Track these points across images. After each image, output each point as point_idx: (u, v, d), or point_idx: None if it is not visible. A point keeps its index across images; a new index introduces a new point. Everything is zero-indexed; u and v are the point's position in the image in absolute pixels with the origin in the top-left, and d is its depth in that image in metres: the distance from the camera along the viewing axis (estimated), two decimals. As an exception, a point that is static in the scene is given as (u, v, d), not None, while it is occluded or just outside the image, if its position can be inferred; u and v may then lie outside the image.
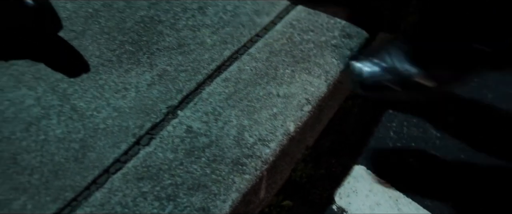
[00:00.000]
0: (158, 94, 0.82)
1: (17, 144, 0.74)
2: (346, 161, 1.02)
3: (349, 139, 1.05)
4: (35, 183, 0.70)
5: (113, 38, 0.90)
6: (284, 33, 0.97)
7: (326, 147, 1.04)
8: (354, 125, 1.08)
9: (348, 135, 1.06)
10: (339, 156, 1.02)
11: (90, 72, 0.84)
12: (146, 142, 0.77)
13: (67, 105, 0.79)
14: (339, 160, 1.02)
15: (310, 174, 0.97)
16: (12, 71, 0.84)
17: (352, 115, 1.10)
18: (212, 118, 0.80)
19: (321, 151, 1.02)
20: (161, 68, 0.86)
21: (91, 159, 0.73)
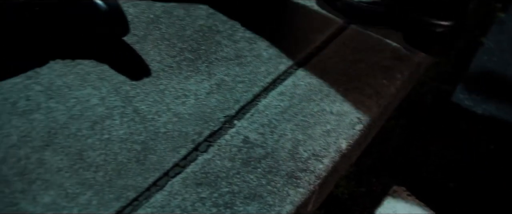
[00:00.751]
0: (216, 103, 0.85)
1: (83, 141, 0.77)
2: (386, 180, 1.03)
3: (390, 159, 1.07)
4: (99, 180, 0.73)
5: (173, 45, 0.93)
6: (337, 51, 1.00)
7: (368, 165, 1.06)
8: (396, 145, 1.10)
9: (389, 155, 1.07)
10: (380, 175, 1.04)
11: (151, 76, 0.87)
12: (204, 148, 0.79)
13: (129, 107, 0.82)
14: (380, 179, 1.04)
15: (352, 190, 0.99)
16: (78, 70, 0.87)
17: (394, 135, 1.12)
18: (268, 130, 0.83)
19: (363, 168, 1.04)
20: (219, 78, 0.89)
21: (152, 161, 0.76)
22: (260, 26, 0.99)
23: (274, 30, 0.99)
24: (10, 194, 0.70)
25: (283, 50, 0.96)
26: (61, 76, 0.86)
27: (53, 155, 0.75)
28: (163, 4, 1.00)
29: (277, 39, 0.97)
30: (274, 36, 0.98)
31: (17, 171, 0.73)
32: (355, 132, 0.86)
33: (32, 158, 0.74)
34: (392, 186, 1.02)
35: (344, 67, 0.96)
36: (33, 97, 0.82)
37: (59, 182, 0.72)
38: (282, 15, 1.03)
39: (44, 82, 0.85)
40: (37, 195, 0.71)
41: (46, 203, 0.70)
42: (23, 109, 0.81)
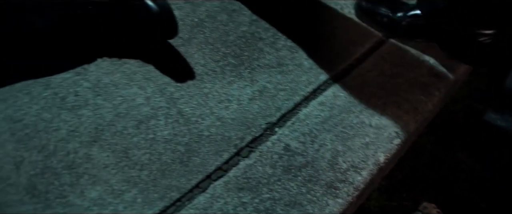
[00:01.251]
0: (258, 110, 0.86)
1: (129, 139, 0.79)
2: (417, 196, 1.04)
3: (421, 174, 1.07)
4: (144, 178, 0.75)
5: (217, 49, 0.95)
6: (376, 65, 1.01)
7: (398, 180, 1.06)
8: (427, 161, 1.10)
9: (420, 171, 1.08)
10: (410, 191, 1.05)
11: (196, 79, 0.89)
12: (246, 154, 0.81)
13: (174, 109, 0.84)
14: (410, 194, 1.04)
15: (383, 204, 0.99)
16: (125, 69, 0.89)
17: (426, 151, 1.12)
18: (308, 139, 0.84)
19: (394, 182, 1.04)
20: (262, 85, 0.90)
21: (195, 164, 0.78)
22: (301, 36, 1.00)
23: (315, 40, 1.00)
24: (59, 186, 0.72)
25: (324, 61, 0.97)
26: (108, 74, 0.88)
27: (100, 151, 0.77)
28: (207, 8, 1.02)
29: (318, 49, 0.99)
30: (315, 46, 0.99)
31: (66, 164, 0.75)
32: (393, 146, 0.87)
33: (80, 152, 0.76)
34: (423, 202, 1.02)
35: (382, 81, 0.97)
36: (81, 93, 0.84)
37: (105, 178, 0.74)
38: (323, 25, 1.04)
39: (92, 79, 0.87)
40: (84, 189, 0.72)
41: (93, 198, 0.72)
42: (72, 104, 0.83)
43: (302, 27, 1.03)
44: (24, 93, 0.83)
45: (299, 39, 1.00)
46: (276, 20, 1.03)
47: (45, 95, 0.83)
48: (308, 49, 0.99)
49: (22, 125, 0.79)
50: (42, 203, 0.71)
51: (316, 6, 1.10)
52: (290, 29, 1.02)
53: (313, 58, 0.97)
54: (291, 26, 1.02)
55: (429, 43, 1.03)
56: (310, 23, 1.05)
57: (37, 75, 0.86)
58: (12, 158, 0.75)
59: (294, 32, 1.01)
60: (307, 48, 0.99)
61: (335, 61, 0.99)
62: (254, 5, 1.04)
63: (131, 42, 0.89)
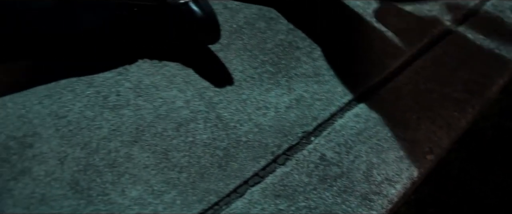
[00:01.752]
0: (295, 118, 0.87)
1: (169, 141, 0.81)
2: (445, 212, 1.04)
3: (449, 190, 1.07)
4: (183, 181, 0.76)
5: (255, 56, 0.96)
6: (410, 79, 1.01)
7: (425, 194, 1.06)
8: (455, 177, 1.10)
9: (448, 186, 1.08)
10: (439, 206, 1.05)
11: (234, 85, 0.90)
12: (282, 161, 0.82)
13: (212, 113, 0.85)
14: (438, 210, 1.04)
15: (411, 218, 1.00)
16: (165, 71, 0.91)
17: (454, 167, 1.12)
18: (344, 150, 0.85)
19: (422, 197, 1.05)
20: (299, 94, 0.91)
21: (233, 169, 0.79)
22: (337, 47, 1.01)
23: (350, 52, 1.01)
24: (101, 184, 0.74)
25: (359, 72, 0.98)
26: (149, 75, 0.89)
27: (140, 151, 0.79)
28: (246, 15, 1.04)
29: (353, 60, 1.00)
30: (351, 57, 1.00)
31: (107, 162, 0.77)
32: (427, 161, 0.88)
33: (121, 152, 0.78)
34: (450, 217, 1.02)
35: (417, 95, 0.98)
36: (123, 93, 0.86)
37: (146, 178, 0.75)
38: (359, 37, 1.05)
39: (133, 80, 0.88)
40: (125, 188, 0.74)
41: (134, 197, 0.73)
42: (114, 103, 0.84)
43: (338, 38, 1.04)
44: (68, 91, 0.85)
45: (335, 50, 1.01)
46: (313, 30, 1.04)
47: (88, 93, 0.85)
48: (344, 60, 1.00)
49: (66, 121, 0.81)
50: (85, 199, 0.72)
51: (352, 18, 1.11)
52: (326, 40, 1.03)
53: (349, 70, 0.98)
54: (327, 36, 1.03)
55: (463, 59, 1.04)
56: (346, 34, 1.06)
57: (81, 74, 0.87)
58: (57, 153, 0.77)
59: (331, 43, 1.02)
60: (343, 59, 1.00)
61: (370, 73, 0.99)
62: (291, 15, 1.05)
63: (173, 45, 0.91)
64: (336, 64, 0.98)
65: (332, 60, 0.99)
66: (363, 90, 0.95)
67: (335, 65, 0.98)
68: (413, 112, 0.94)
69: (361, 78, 0.97)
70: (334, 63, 0.98)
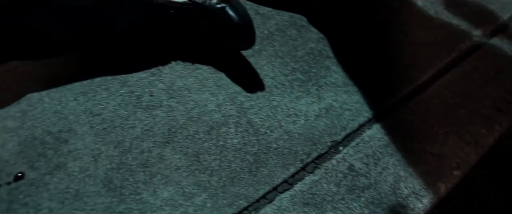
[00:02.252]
0: (324, 127, 0.88)
1: (200, 144, 0.82)
2: (466, 227, 1.04)
3: (472, 207, 1.07)
4: (214, 184, 0.77)
5: (286, 63, 0.97)
6: (438, 93, 1.02)
7: (449, 210, 1.06)
8: (478, 194, 1.10)
9: (471, 203, 1.08)
10: (460, 221, 1.05)
11: (265, 91, 0.91)
12: (311, 169, 0.82)
13: (244, 118, 0.86)
14: (459, 225, 1.04)
15: (433, 232, 1.00)
16: (197, 74, 0.92)
17: (476, 184, 1.12)
18: (372, 161, 0.85)
19: (445, 212, 1.05)
20: (328, 103, 0.92)
21: (263, 174, 0.80)
22: (367, 58, 1.02)
23: (380, 63, 1.02)
24: (134, 183, 0.75)
25: (388, 85, 0.98)
26: (182, 78, 0.91)
27: (172, 152, 0.80)
28: (277, 22, 1.05)
29: (382, 72, 1.00)
30: (380, 69, 1.01)
31: (140, 162, 0.78)
32: (454, 177, 0.88)
33: (154, 152, 0.79)
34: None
35: (444, 110, 0.98)
36: (156, 94, 0.87)
37: (177, 180, 0.77)
38: (388, 49, 1.06)
39: (166, 81, 0.90)
40: (157, 188, 0.75)
41: (165, 198, 0.74)
42: (147, 103, 0.86)
43: (367, 49, 1.05)
44: (103, 89, 0.87)
45: (364, 61, 1.01)
46: (343, 40, 1.04)
47: (122, 92, 0.87)
48: (373, 71, 1.00)
49: (100, 119, 0.82)
50: (117, 197, 0.74)
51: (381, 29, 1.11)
52: (356, 50, 1.03)
53: (378, 81, 0.99)
54: (357, 47, 1.04)
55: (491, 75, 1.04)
56: (376, 45, 1.06)
57: (115, 72, 0.89)
58: (91, 150, 0.78)
59: (360, 54, 1.03)
60: (372, 71, 1.00)
61: (398, 85, 1.00)
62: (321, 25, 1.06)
63: (206, 48, 0.92)
64: (365, 75, 0.99)
65: (361, 71, 0.99)
66: (391, 102, 0.95)
67: (364, 76, 0.98)
68: (440, 126, 0.94)
69: (389, 90, 0.97)
70: (363, 74, 0.99)
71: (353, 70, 0.99)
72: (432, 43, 1.11)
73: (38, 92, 0.85)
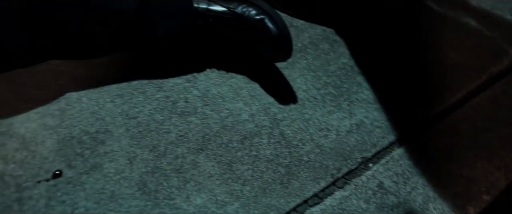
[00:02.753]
0: (355, 143, 0.89)
1: (233, 153, 0.83)
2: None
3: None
4: (246, 193, 0.78)
5: (318, 77, 0.98)
6: (468, 116, 1.02)
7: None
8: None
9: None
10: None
11: (297, 104, 0.92)
12: (341, 185, 0.83)
13: (276, 130, 0.87)
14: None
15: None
16: (231, 83, 0.93)
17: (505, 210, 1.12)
18: (401, 180, 0.86)
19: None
20: (359, 119, 0.93)
21: (294, 187, 0.81)
22: (398, 76, 1.02)
23: (411, 83, 1.02)
24: (168, 188, 0.76)
25: (418, 104, 0.99)
26: (216, 86, 0.92)
27: (206, 160, 0.81)
28: (310, 35, 1.06)
29: (413, 91, 1.01)
30: (411, 88, 1.01)
31: (174, 167, 0.79)
32: (483, 202, 0.88)
33: (188, 158, 0.80)
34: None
35: (474, 133, 0.98)
36: (191, 101, 0.89)
37: (210, 187, 0.78)
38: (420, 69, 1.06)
39: (201, 88, 0.91)
40: (190, 195, 0.76)
41: (198, 205, 0.75)
42: (182, 109, 0.87)
43: (398, 67, 1.05)
44: (139, 92, 0.88)
45: (396, 80, 1.02)
46: (374, 57, 1.05)
47: (158, 97, 0.88)
48: (404, 90, 1.01)
49: (136, 122, 0.84)
50: (152, 201, 0.75)
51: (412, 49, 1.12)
52: (388, 68, 1.04)
53: (408, 100, 0.99)
54: (388, 65, 1.04)
55: None
56: (406, 64, 1.07)
57: (152, 77, 0.90)
58: (126, 153, 0.79)
59: (392, 72, 1.04)
60: (403, 90, 1.01)
61: (428, 106, 1.01)
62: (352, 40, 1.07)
63: (241, 58, 0.93)
64: (395, 93, 0.99)
65: (392, 89, 1.00)
66: (421, 122, 0.96)
67: (394, 95, 0.99)
68: (470, 149, 0.95)
69: (419, 110, 0.98)
70: (393, 92, 0.99)
71: (384, 88, 1.00)
72: (462, 65, 1.11)
73: (76, 92, 0.86)
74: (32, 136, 0.79)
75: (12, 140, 0.78)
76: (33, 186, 0.74)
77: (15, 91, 0.84)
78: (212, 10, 0.89)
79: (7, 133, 0.79)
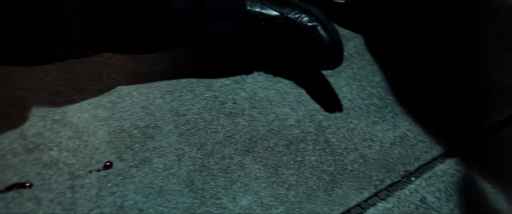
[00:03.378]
0: (398, 155, 0.89)
1: (279, 157, 0.83)
2: None
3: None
4: (291, 198, 0.79)
5: (363, 87, 0.98)
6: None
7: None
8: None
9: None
10: None
11: (343, 112, 0.92)
12: (384, 196, 0.83)
13: (322, 137, 0.88)
14: None
15: None
16: (278, 87, 0.94)
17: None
18: (444, 196, 0.85)
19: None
20: (403, 132, 0.93)
21: (338, 195, 0.81)
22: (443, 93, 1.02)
23: (454, 99, 1.02)
24: (214, 187, 0.77)
25: (462, 122, 0.98)
26: (264, 89, 0.93)
27: (252, 162, 0.82)
28: (356, 45, 1.06)
29: (456, 108, 1.00)
30: (454, 105, 1.01)
31: (221, 167, 0.80)
32: (523, 224, 0.87)
33: (235, 159, 0.81)
34: None
35: (517, 154, 0.97)
36: (238, 102, 0.89)
37: (256, 189, 0.78)
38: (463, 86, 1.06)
39: (249, 90, 0.92)
40: (237, 195, 0.77)
41: (244, 206, 0.76)
42: (230, 110, 0.88)
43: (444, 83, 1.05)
44: (189, 90, 0.89)
45: (440, 96, 1.02)
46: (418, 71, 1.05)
47: (206, 96, 0.89)
48: (447, 107, 1.00)
49: (185, 120, 0.85)
50: (199, 199, 0.76)
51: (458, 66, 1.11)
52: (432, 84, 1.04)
53: (452, 117, 0.99)
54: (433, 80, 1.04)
55: None
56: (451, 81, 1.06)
57: (201, 76, 0.91)
58: (175, 150, 0.81)
59: (436, 87, 1.03)
60: (446, 107, 1.00)
61: (472, 124, 1.00)
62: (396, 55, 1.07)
63: (288, 63, 0.94)
64: (439, 108, 0.99)
65: (436, 105, 1.00)
66: (465, 139, 0.95)
67: (438, 110, 0.99)
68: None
69: (463, 126, 0.98)
70: (437, 107, 0.99)
71: (428, 102, 0.99)
72: (508, 85, 1.10)
73: (127, 86, 0.88)
74: (84, 125, 0.81)
75: (65, 128, 0.80)
76: (85, 175, 0.75)
77: (69, 81, 0.86)
78: (265, 14, 0.90)
79: (61, 121, 0.81)
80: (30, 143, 0.77)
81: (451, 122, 0.97)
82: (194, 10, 0.85)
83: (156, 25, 0.84)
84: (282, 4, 0.92)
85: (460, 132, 0.96)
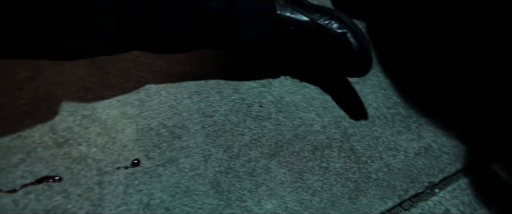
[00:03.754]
0: (422, 166, 0.88)
1: (304, 162, 0.83)
2: None
3: None
4: (315, 204, 0.79)
5: (389, 96, 0.98)
6: (535, 151, 1.00)
7: None
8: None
9: None
10: None
11: (368, 120, 0.92)
12: (407, 207, 0.83)
13: (347, 144, 0.88)
14: None
15: None
16: (305, 92, 0.94)
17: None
18: (468, 210, 0.85)
19: None
20: (427, 142, 0.92)
21: (362, 203, 0.81)
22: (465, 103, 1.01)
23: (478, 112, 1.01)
24: (240, 190, 0.78)
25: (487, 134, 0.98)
26: (290, 93, 0.93)
27: (277, 166, 0.82)
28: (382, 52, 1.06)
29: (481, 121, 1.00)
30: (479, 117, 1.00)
31: (247, 170, 0.80)
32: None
33: (260, 162, 0.82)
34: None
35: (540, 170, 0.97)
36: (265, 106, 0.90)
37: (281, 194, 0.79)
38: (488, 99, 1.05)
39: (275, 94, 0.92)
40: (262, 199, 0.77)
41: (268, 210, 0.76)
42: (256, 113, 0.88)
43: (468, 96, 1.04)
44: (216, 92, 0.90)
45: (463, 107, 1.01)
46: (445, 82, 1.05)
47: (233, 98, 0.89)
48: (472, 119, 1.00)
49: (212, 121, 0.85)
50: (224, 201, 0.76)
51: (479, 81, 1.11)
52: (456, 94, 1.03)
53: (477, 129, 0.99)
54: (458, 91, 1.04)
55: None
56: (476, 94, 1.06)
57: (228, 78, 0.92)
58: (202, 150, 0.81)
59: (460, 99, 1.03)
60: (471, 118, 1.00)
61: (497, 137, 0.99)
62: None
63: (315, 68, 0.94)
64: (464, 121, 0.99)
65: (461, 116, 0.99)
66: (490, 153, 0.95)
67: (463, 122, 0.98)
68: (535, 186, 0.93)
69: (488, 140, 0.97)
70: (462, 119, 0.99)
71: (453, 114, 0.99)
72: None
73: (155, 85, 0.88)
74: (113, 122, 0.82)
75: (94, 124, 0.81)
76: (113, 172, 0.76)
77: (99, 77, 0.87)
78: (295, 18, 0.90)
79: (90, 117, 0.81)
80: (60, 137, 0.78)
81: (476, 134, 0.97)
82: (226, 11, 0.86)
83: (188, 25, 0.85)
84: (312, 10, 0.92)
85: (485, 145, 0.95)
